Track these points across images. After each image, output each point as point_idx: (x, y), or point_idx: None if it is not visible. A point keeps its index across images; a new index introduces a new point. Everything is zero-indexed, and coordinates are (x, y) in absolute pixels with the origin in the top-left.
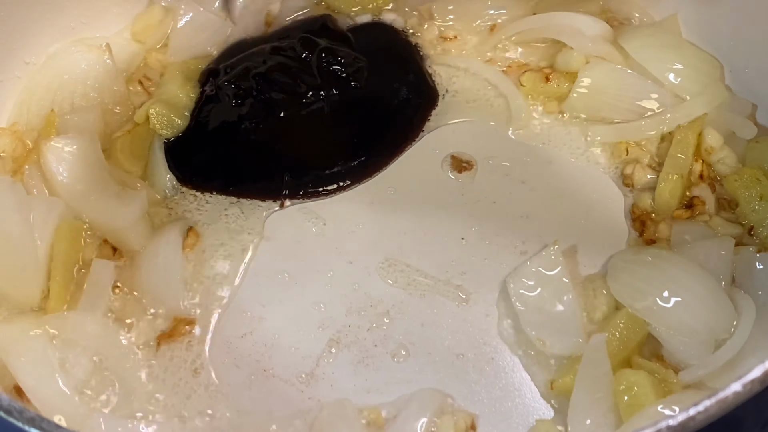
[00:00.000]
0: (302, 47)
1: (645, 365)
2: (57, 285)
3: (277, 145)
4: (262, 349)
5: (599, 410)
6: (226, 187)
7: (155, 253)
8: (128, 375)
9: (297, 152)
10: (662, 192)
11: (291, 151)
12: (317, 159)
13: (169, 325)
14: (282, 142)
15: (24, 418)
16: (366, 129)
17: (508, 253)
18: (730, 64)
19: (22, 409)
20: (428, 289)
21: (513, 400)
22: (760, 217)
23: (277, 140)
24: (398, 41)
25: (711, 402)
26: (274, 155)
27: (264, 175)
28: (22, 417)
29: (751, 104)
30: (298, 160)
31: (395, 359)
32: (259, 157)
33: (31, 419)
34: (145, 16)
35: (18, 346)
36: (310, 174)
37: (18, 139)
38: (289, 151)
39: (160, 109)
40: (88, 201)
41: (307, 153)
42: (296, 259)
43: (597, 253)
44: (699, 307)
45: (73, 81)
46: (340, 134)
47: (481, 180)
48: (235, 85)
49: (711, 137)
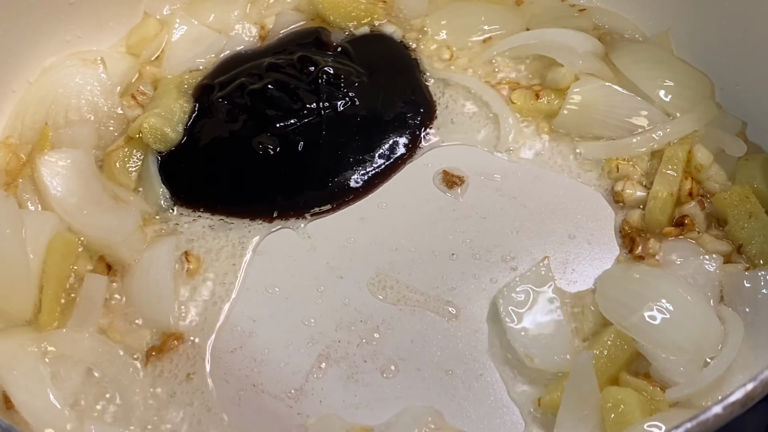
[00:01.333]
0: (301, 65)
1: (632, 383)
2: (48, 299)
3: (269, 164)
4: (251, 364)
5: (586, 427)
6: (215, 207)
7: (146, 269)
8: (124, 388)
9: (289, 171)
10: (653, 209)
11: (283, 170)
12: (310, 178)
13: (159, 339)
14: (274, 161)
15: None
16: (362, 147)
17: (499, 269)
18: (720, 81)
19: (8, 426)
20: (418, 305)
21: (501, 417)
22: (748, 235)
23: (269, 158)
24: (398, 54)
25: (692, 424)
26: (266, 174)
27: (255, 196)
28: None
29: (741, 122)
30: (290, 180)
31: (385, 375)
32: (251, 176)
33: None
34: (140, 29)
35: (9, 359)
36: (303, 195)
37: (12, 152)
38: (281, 170)
39: (154, 122)
40: (82, 215)
41: (299, 172)
42: (287, 274)
43: (586, 270)
44: (687, 324)
45: (67, 95)
46: (334, 153)
47: (472, 195)
48: (228, 101)
49: (701, 155)
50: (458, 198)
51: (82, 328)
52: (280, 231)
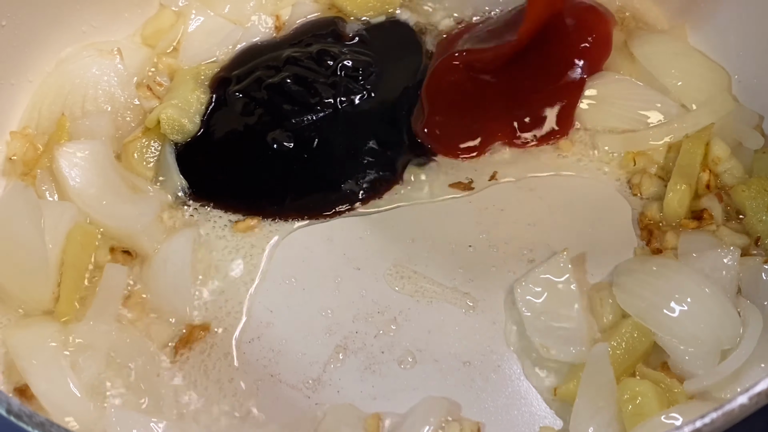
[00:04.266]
0: (319, 58)
1: (650, 375)
2: (67, 289)
3: (283, 160)
4: (269, 355)
5: (602, 419)
6: (227, 204)
7: (164, 260)
8: (144, 377)
9: (303, 169)
10: (671, 202)
11: (297, 168)
12: (322, 178)
13: (184, 330)
14: (288, 157)
15: (33, 423)
16: (377, 144)
17: (516, 261)
18: (738, 75)
19: (32, 413)
20: (435, 296)
21: (519, 408)
22: (766, 227)
23: (283, 155)
24: (412, 43)
25: (717, 414)
26: (280, 171)
27: (267, 195)
28: (32, 421)
29: (758, 115)
30: (303, 179)
31: (402, 366)
32: (264, 173)
33: (41, 424)
34: (155, 20)
35: (29, 349)
36: (315, 195)
37: (29, 142)
38: (294, 167)
39: (172, 113)
40: (101, 205)
41: (313, 170)
42: (304, 265)
43: (604, 262)
44: (705, 316)
45: (84, 85)
46: (348, 150)
47: (490, 188)
48: (245, 95)
49: (718, 147)
50: (475, 190)
51: (102, 317)
52: (297, 224)
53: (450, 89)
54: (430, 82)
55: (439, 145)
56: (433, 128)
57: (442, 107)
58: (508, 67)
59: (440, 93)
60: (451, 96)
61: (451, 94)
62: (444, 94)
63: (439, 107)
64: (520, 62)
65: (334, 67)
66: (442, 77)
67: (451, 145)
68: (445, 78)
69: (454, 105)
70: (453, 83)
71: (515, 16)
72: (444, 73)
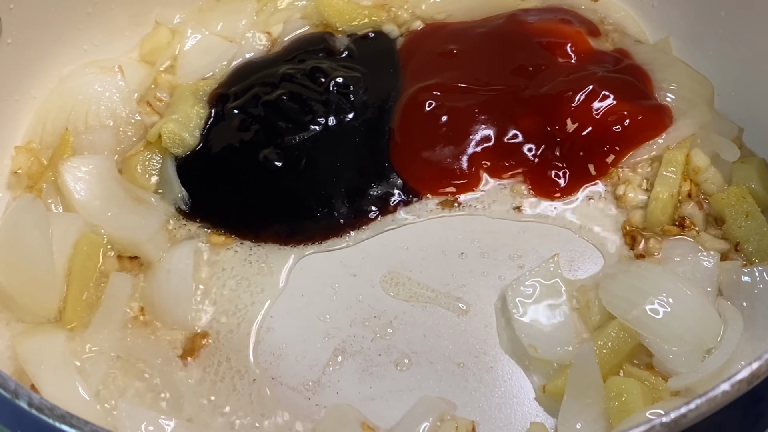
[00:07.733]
0: (313, 75)
1: (635, 373)
2: (73, 297)
3: (271, 180)
4: (270, 358)
5: (589, 415)
6: (218, 224)
7: (167, 269)
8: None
9: (290, 190)
10: (654, 210)
11: (284, 188)
12: (307, 203)
13: (187, 338)
14: (276, 177)
15: (55, 416)
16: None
17: (506, 267)
18: (718, 87)
19: (53, 406)
20: (429, 301)
21: (511, 407)
22: (745, 233)
23: (272, 174)
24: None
25: (702, 400)
26: (268, 192)
27: (256, 216)
28: (53, 414)
29: (737, 127)
30: (289, 202)
31: (398, 368)
32: (253, 191)
33: (62, 416)
34: (152, 37)
35: (37, 354)
36: (300, 222)
37: (33, 156)
38: (282, 188)
39: (173, 128)
40: (106, 216)
41: (298, 192)
42: (302, 273)
43: (591, 267)
44: (687, 317)
45: (86, 101)
46: (335, 171)
47: (478, 197)
48: (242, 111)
49: (698, 158)
50: (466, 198)
51: (108, 324)
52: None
53: (424, 125)
54: (402, 123)
55: (424, 188)
56: (414, 173)
57: (419, 146)
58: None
59: (414, 130)
60: (428, 132)
61: (427, 130)
62: (419, 131)
63: (417, 146)
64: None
65: (326, 84)
66: (413, 114)
67: (439, 185)
68: (417, 114)
69: (432, 141)
70: (426, 117)
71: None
72: (414, 109)
